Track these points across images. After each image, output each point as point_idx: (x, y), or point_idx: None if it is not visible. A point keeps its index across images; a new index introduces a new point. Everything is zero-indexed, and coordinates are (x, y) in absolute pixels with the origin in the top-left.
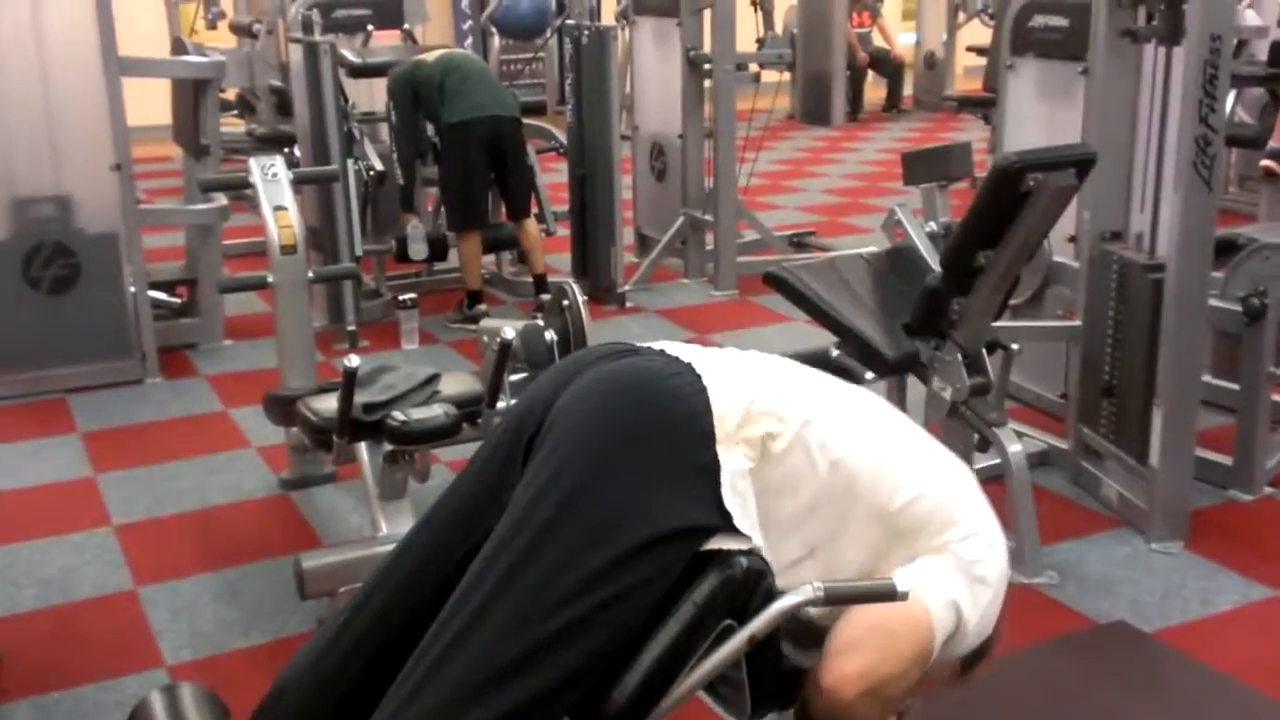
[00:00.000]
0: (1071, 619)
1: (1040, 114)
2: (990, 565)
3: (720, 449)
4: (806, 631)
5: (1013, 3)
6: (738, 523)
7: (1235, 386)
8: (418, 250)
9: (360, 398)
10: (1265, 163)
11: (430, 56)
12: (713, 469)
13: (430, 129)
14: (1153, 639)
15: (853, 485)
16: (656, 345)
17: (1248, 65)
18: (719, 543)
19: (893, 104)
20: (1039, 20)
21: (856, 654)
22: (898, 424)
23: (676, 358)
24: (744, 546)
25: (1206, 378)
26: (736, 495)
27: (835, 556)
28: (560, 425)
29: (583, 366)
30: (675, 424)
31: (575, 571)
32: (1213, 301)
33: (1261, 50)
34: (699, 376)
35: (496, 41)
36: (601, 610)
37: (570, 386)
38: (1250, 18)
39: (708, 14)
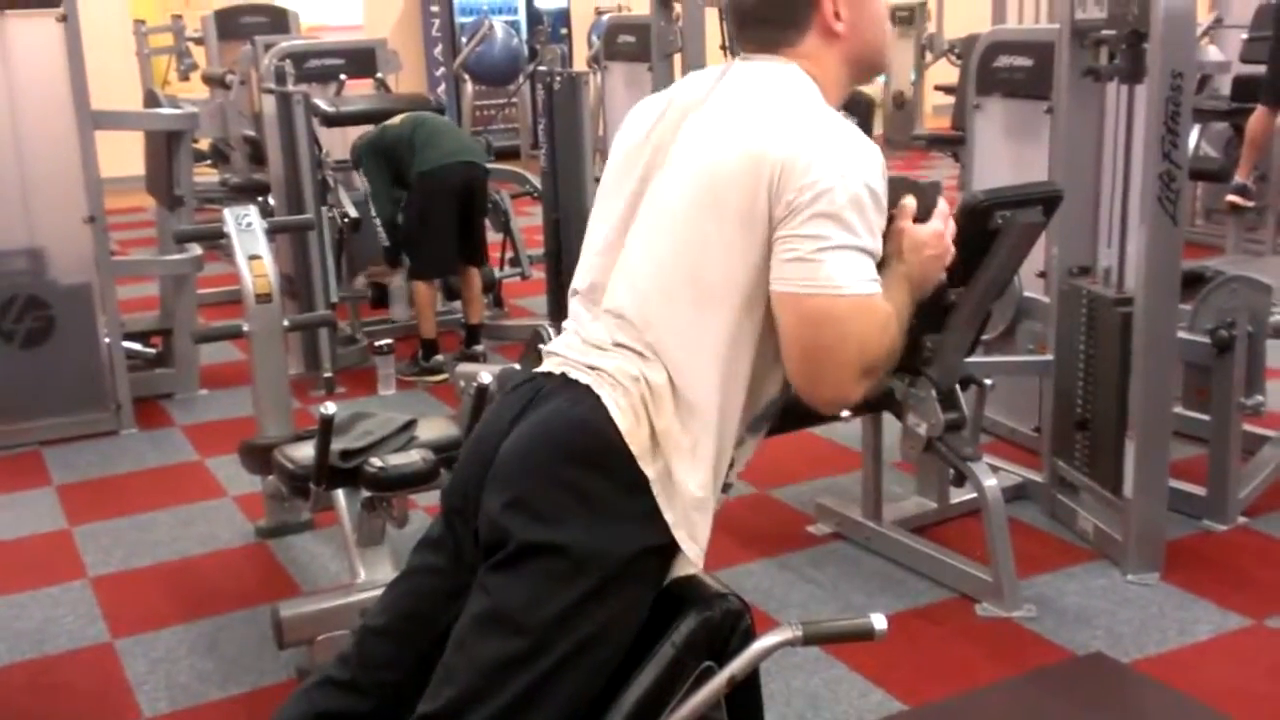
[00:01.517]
0: (1050, 651)
1: (1008, 152)
2: (829, 181)
3: (642, 463)
4: None
5: (978, 43)
6: (675, 530)
7: (1206, 418)
8: (399, 313)
9: (337, 445)
10: (1230, 197)
11: (395, 120)
12: (642, 483)
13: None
14: (1131, 669)
15: (719, 293)
16: (554, 368)
17: (1211, 100)
18: (679, 568)
19: None
20: (1004, 60)
21: (821, 384)
22: (681, 168)
23: (575, 381)
24: (695, 557)
25: (1178, 409)
26: (670, 498)
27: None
28: (499, 493)
29: (504, 426)
30: (596, 458)
31: (539, 621)
32: (1182, 334)
33: (1224, 85)
34: (597, 396)
35: (470, 88)
36: (573, 656)
37: (499, 449)
38: (1213, 53)
39: (678, 59)
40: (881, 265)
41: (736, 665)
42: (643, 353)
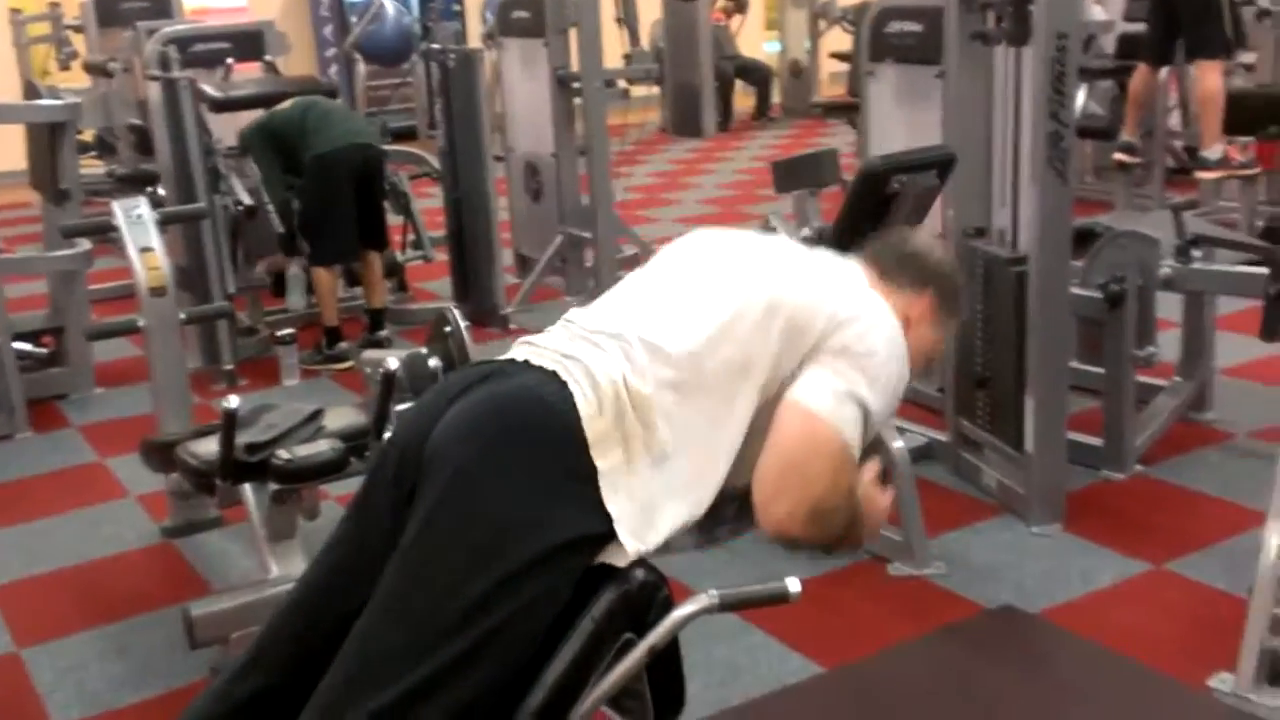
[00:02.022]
0: (961, 606)
1: (902, 118)
2: (864, 335)
3: (595, 454)
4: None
5: (870, 10)
6: (618, 525)
7: (1102, 370)
8: (295, 302)
9: (242, 438)
10: (1118, 155)
11: (284, 104)
12: (590, 473)
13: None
14: (1038, 619)
15: (721, 376)
16: (518, 354)
17: (1097, 59)
18: (610, 556)
19: (762, 112)
20: (894, 26)
21: (780, 499)
22: (722, 276)
23: (540, 367)
24: (633, 552)
25: (1074, 364)
26: (616, 494)
27: (753, 433)
28: (437, 460)
29: (452, 396)
30: (547, 437)
31: (464, 597)
32: (1075, 290)
33: (1109, 43)
34: (564, 384)
35: (362, 68)
36: (495, 633)
37: (442, 420)
38: (1097, 13)
39: (573, 33)
40: None
41: (656, 636)
42: (636, 374)
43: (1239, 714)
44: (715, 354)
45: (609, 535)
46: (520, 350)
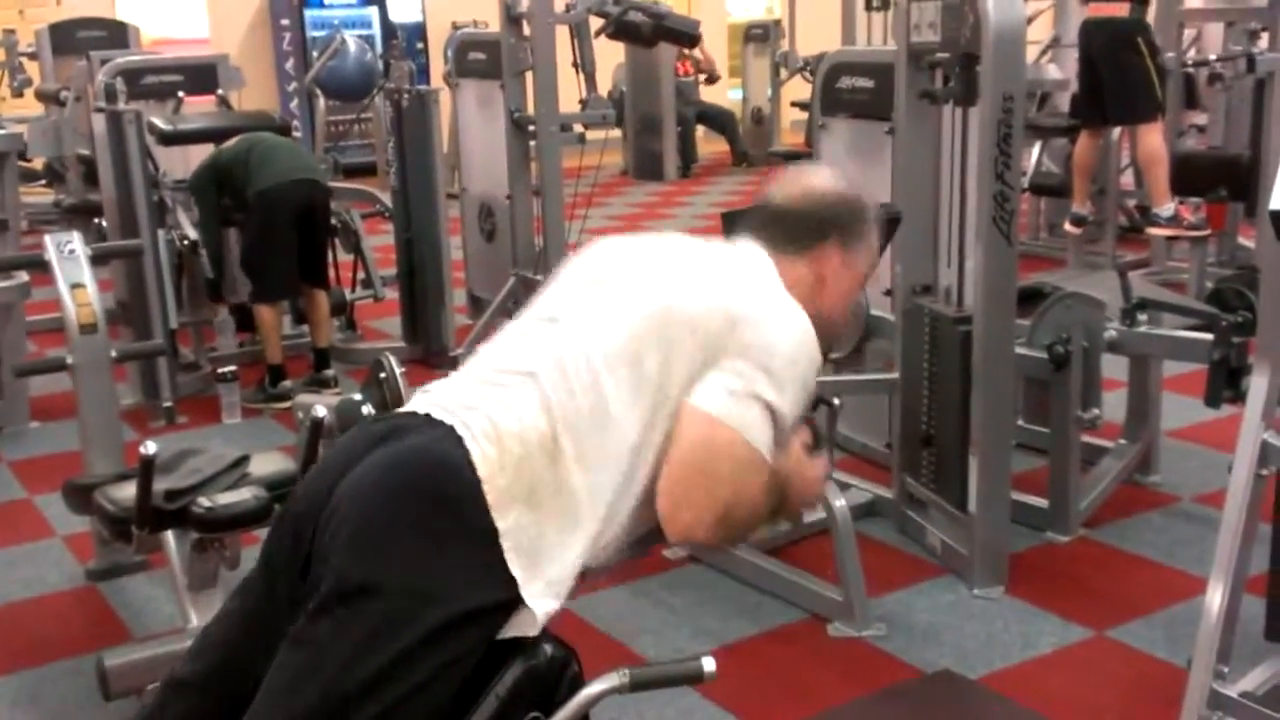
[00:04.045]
0: (899, 669)
1: (853, 171)
2: (768, 333)
3: (495, 514)
4: None
5: (822, 63)
6: (522, 589)
7: (1047, 430)
8: (224, 343)
9: (162, 484)
10: (1068, 227)
11: (230, 142)
12: (491, 535)
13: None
14: (977, 685)
15: (630, 393)
16: (419, 405)
17: (1051, 117)
18: (518, 626)
19: (742, 158)
20: (847, 81)
21: (683, 508)
22: (620, 292)
23: (440, 421)
24: (542, 616)
25: (1020, 423)
26: (520, 554)
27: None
28: (330, 531)
29: (348, 462)
30: (443, 502)
31: (359, 675)
32: (1020, 350)
33: (1064, 102)
34: (460, 439)
35: (322, 103)
36: (395, 710)
37: (340, 484)
38: (1052, 71)
39: (530, 76)
40: None
41: (563, 716)
42: (541, 414)
43: None
44: (616, 376)
45: (514, 601)
46: (421, 401)
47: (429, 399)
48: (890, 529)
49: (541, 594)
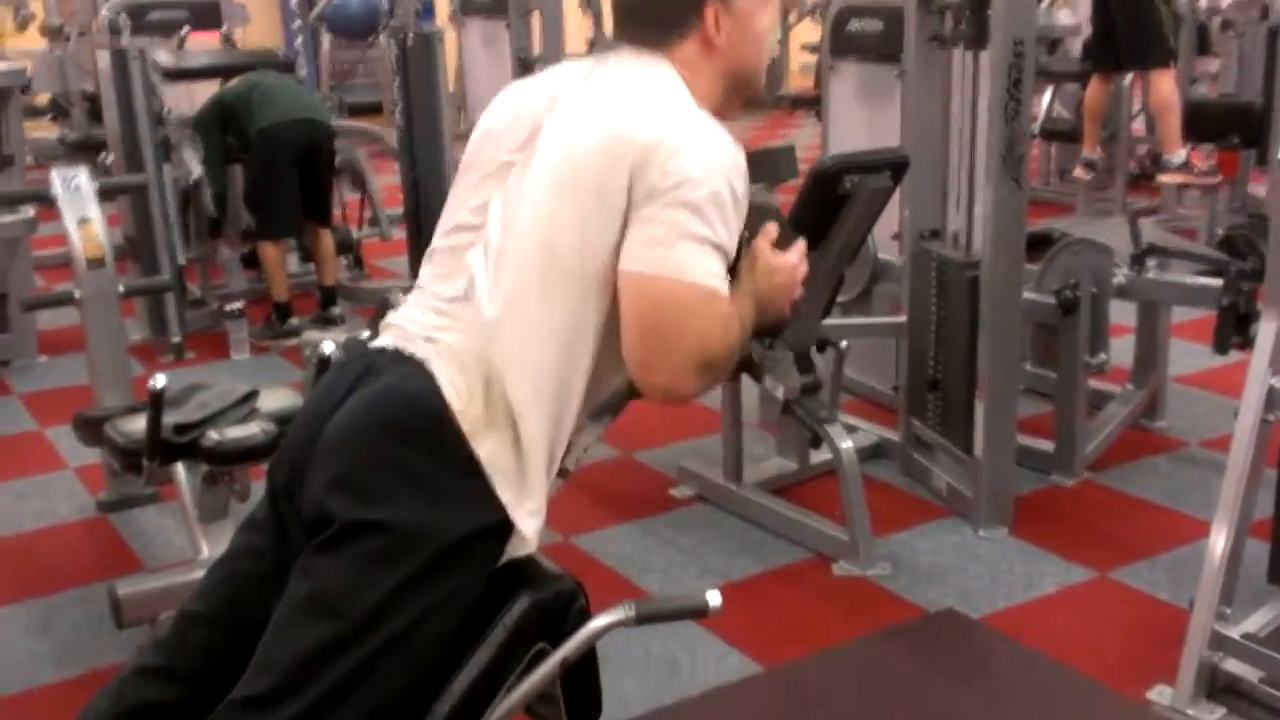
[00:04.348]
0: (903, 608)
1: (862, 115)
2: (674, 165)
3: (473, 443)
4: None
5: (831, 5)
6: (511, 512)
7: (1055, 375)
8: (234, 281)
9: (172, 418)
10: (1078, 172)
11: (233, 82)
12: (473, 464)
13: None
14: (980, 625)
15: (559, 277)
16: (389, 342)
17: (1062, 62)
18: (516, 547)
19: (750, 102)
20: (856, 24)
21: (655, 369)
22: (538, 160)
23: (410, 356)
24: (533, 533)
25: (1028, 367)
26: (503, 476)
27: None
28: (319, 475)
29: (332, 404)
30: (422, 437)
31: (361, 604)
32: (1029, 295)
33: (1075, 47)
34: (430, 374)
35: (327, 41)
36: (397, 641)
37: (325, 429)
38: (1064, 17)
39: (537, 15)
40: (732, 276)
41: (569, 647)
42: (484, 329)
43: None
44: (532, 274)
45: (506, 524)
46: (389, 336)
47: (396, 333)
48: (896, 471)
49: (532, 513)
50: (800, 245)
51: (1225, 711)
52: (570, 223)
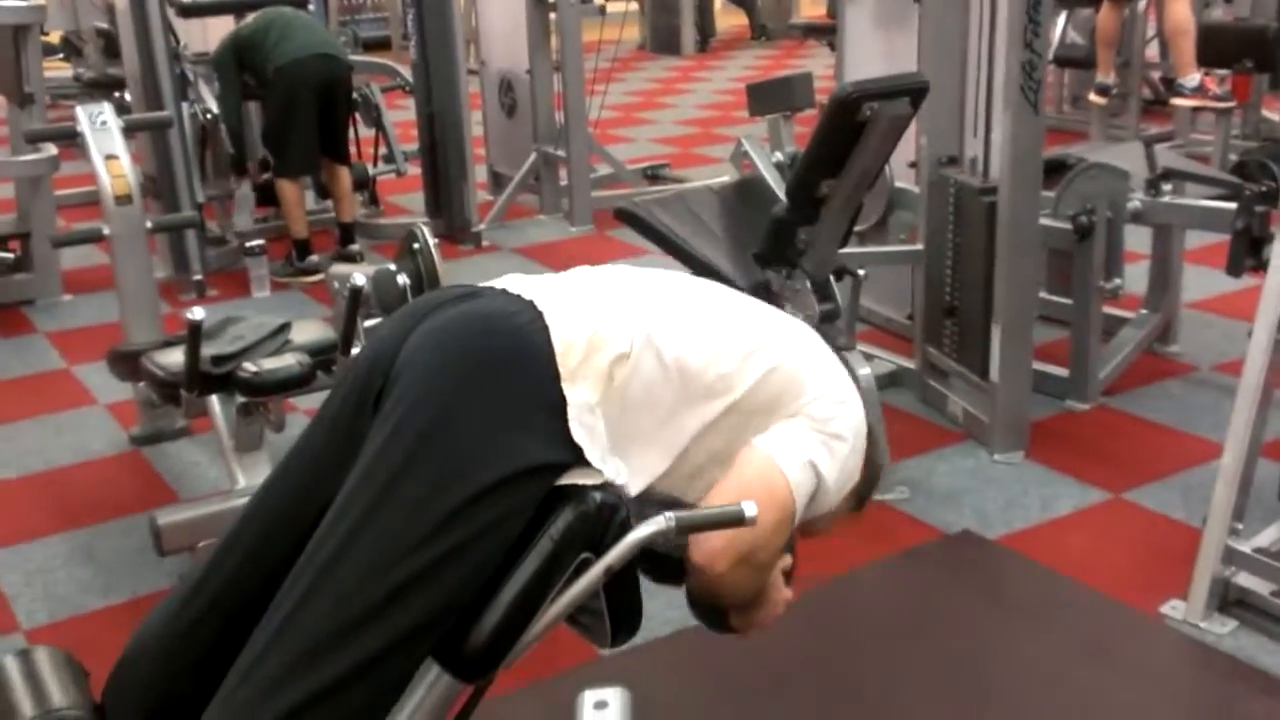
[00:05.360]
0: (921, 531)
1: (879, 42)
2: (843, 420)
3: (565, 385)
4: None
5: None
6: (588, 455)
7: (1069, 301)
8: (241, 220)
9: (208, 350)
10: (1093, 97)
11: (249, 18)
12: (559, 405)
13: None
14: (996, 545)
15: (698, 383)
16: (498, 284)
17: None
18: (572, 478)
19: (761, 32)
20: None
21: (719, 536)
22: (732, 308)
23: (518, 295)
24: (597, 480)
25: (1043, 294)
26: (584, 429)
27: (699, 452)
28: (406, 374)
29: (425, 313)
30: (519, 364)
31: (428, 515)
32: (1045, 220)
33: None
34: (540, 314)
35: None
36: (456, 552)
37: (413, 334)
38: None
39: None
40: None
41: (613, 556)
42: (626, 338)
43: (1188, 640)
44: (706, 372)
45: (572, 463)
46: (503, 281)
47: (512, 280)
48: (912, 398)
49: (601, 462)
50: (790, 593)
51: (1236, 624)
52: (752, 380)
